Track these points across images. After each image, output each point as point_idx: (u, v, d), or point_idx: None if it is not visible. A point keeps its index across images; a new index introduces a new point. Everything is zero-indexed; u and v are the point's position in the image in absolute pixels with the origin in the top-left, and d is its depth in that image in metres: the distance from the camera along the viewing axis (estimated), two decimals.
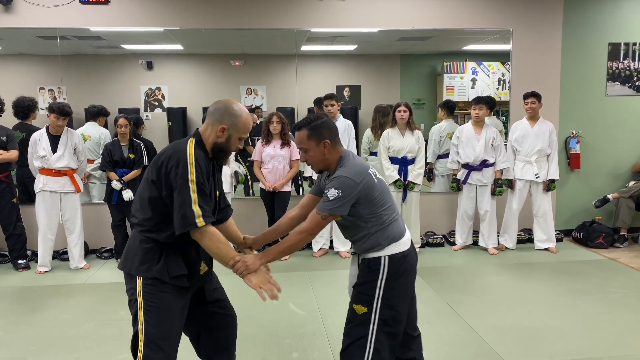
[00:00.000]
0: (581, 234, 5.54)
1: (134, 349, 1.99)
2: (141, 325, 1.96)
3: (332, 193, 2.00)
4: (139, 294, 1.96)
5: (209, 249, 1.98)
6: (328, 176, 2.18)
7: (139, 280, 1.97)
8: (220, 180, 2.20)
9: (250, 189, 5.85)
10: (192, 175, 1.90)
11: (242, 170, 5.36)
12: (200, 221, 1.90)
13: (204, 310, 2.18)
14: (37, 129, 4.79)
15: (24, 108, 5.01)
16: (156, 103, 6.67)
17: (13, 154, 4.68)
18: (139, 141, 5.01)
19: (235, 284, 4.30)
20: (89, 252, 5.21)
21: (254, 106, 6.86)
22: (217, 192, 2.13)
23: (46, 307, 3.87)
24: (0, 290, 4.29)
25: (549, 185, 5.13)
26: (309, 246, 5.36)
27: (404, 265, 2.14)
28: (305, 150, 2.14)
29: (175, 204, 1.91)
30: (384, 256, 2.11)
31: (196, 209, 1.90)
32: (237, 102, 2.09)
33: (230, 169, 5.03)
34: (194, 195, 1.90)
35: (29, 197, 4.99)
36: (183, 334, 2.20)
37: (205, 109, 4.39)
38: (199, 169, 1.93)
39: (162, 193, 1.95)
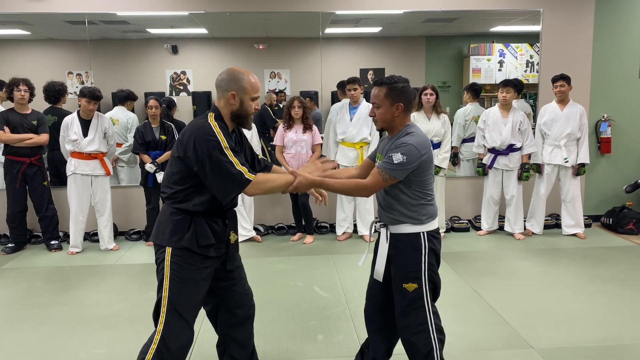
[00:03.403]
0: (611, 219, 5.44)
1: (156, 314, 2.12)
2: (165, 293, 2.09)
3: (397, 157, 2.10)
4: (167, 263, 2.10)
5: (268, 191, 2.16)
6: (389, 141, 2.24)
7: (168, 250, 2.10)
8: (247, 146, 2.31)
9: None
10: (224, 143, 2.03)
11: None
12: (250, 175, 2.05)
13: (223, 286, 2.28)
14: (67, 112, 4.89)
15: (55, 92, 5.12)
16: (181, 87, 6.72)
17: (44, 137, 4.80)
18: (169, 123, 5.04)
19: (261, 266, 4.39)
20: (118, 234, 5.34)
21: (277, 90, 6.86)
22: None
23: (79, 286, 4.00)
24: (35, 270, 4.44)
25: (579, 169, 5.03)
26: (332, 230, 5.39)
27: (439, 242, 2.25)
28: (378, 106, 2.22)
29: (218, 174, 2.02)
30: (423, 232, 2.18)
31: (241, 168, 2.04)
32: (238, 67, 2.19)
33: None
34: (233, 160, 2.03)
35: (61, 180, 5.12)
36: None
37: None
38: (227, 136, 2.06)
39: (194, 168, 2.05)
